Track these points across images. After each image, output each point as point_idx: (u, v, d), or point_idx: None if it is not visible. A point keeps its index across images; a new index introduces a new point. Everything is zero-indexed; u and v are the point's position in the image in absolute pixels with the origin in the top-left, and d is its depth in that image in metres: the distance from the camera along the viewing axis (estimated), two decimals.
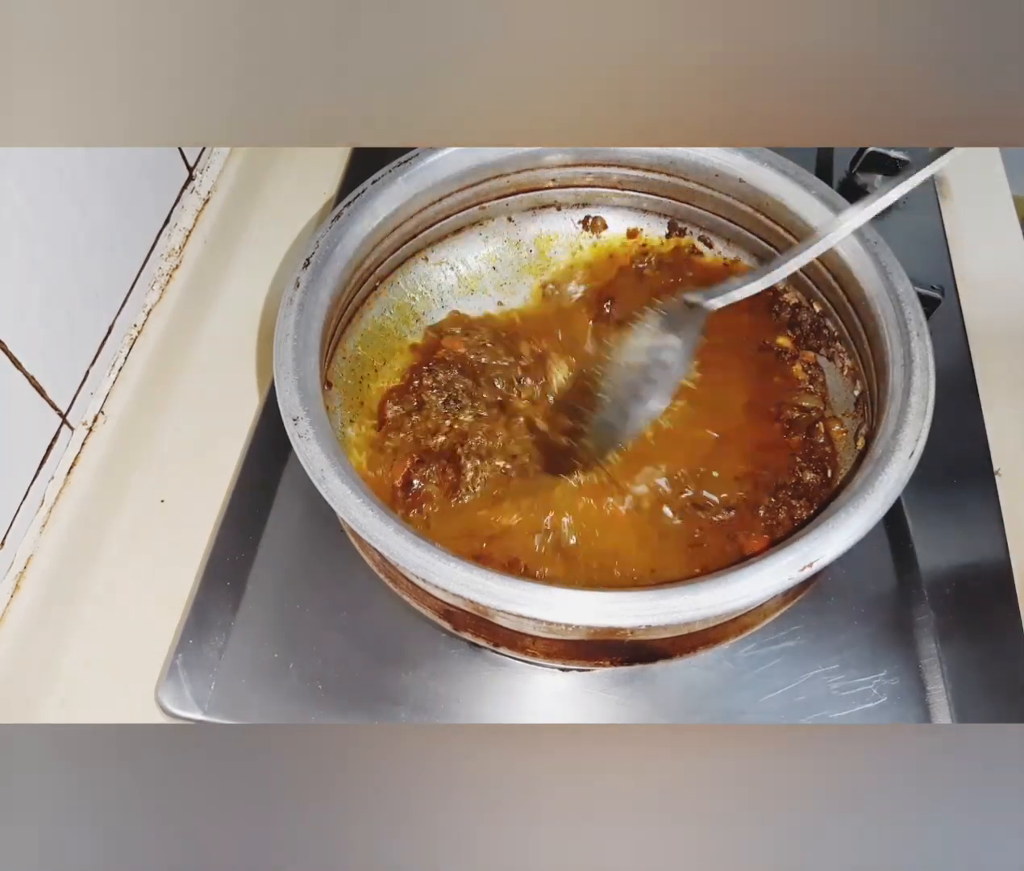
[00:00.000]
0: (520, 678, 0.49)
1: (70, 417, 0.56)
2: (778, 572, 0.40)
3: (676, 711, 0.48)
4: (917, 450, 0.44)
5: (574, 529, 0.51)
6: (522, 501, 0.51)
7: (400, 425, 0.54)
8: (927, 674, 0.48)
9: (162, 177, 0.65)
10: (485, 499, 0.52)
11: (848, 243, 0.53)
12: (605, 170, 0.61)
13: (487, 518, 0.51)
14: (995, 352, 0.63)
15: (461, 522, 0.51)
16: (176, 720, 0.47)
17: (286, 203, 0.74)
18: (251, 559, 0.52)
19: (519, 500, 0.52)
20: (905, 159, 0.69)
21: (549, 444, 0.54)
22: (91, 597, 0.54)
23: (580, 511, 0.51)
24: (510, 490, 0.52)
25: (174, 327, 0.64)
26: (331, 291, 0.51)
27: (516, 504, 0.51)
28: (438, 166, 0.57)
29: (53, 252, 0.52)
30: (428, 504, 0.51)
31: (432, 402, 0.55)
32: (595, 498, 0.52)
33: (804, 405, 0.56)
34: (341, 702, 0.48)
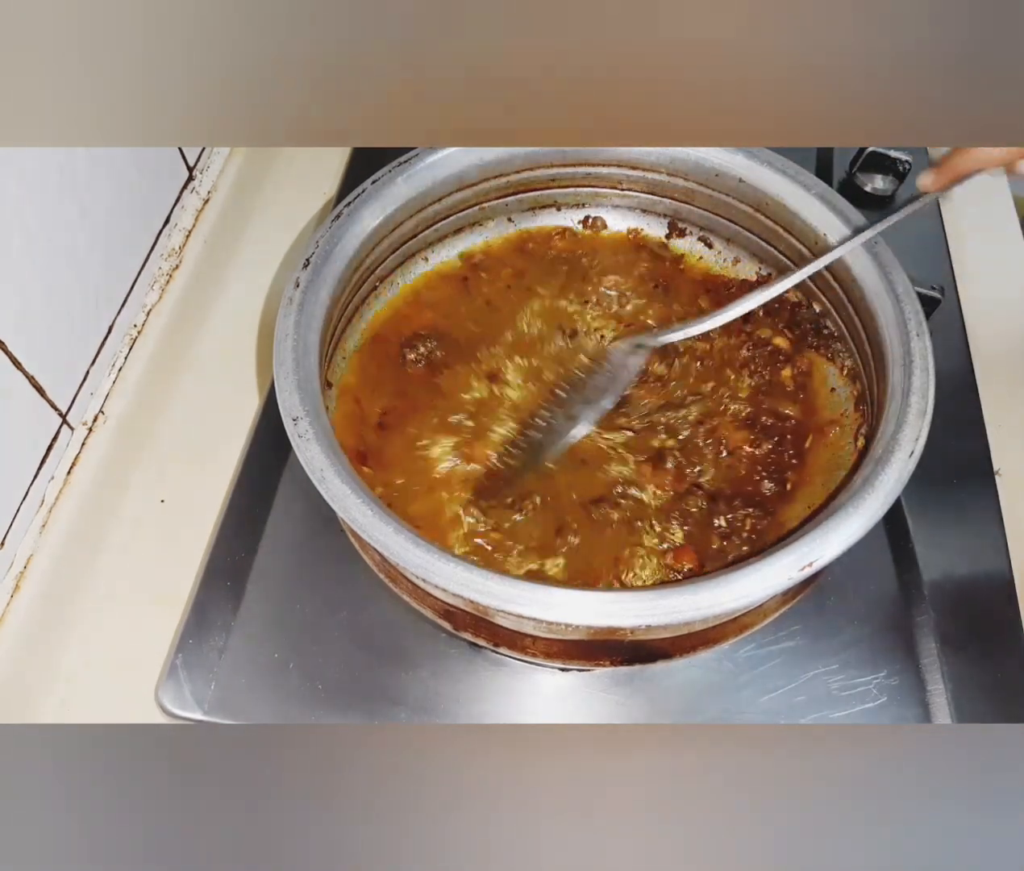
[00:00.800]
0: (520, 678, 0.49)
1: (70, 417, 0.56)
2: (778, 572, 0.40)
3: (676, 711, 0.48)
4: (917, 450, 0.44)
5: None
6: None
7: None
8: (927, 674, 0.48)
9: (162, 177, 0.65)
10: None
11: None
12: (605, 170, 0.61)
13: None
14: (995, 352, 0.63)
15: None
16: (176, 720, 0.47)
17: (286, 203, 0.74)
18: (251, 559, 0.52)
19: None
20: (905, 159, 0.69)
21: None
22: (91, 597, 0.54)
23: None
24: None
25: (174, 327, 0.64)
26: (331, 291, 0.51)
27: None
28: (438, 166, 0.57)
29: (53, 252, 0.52)
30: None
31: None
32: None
33: (782, 412, 0.55)
34: (341, 702, 0.48)
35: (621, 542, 0.50)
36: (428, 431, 0.54)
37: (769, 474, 0.53)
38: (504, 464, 0.53)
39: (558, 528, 0.51)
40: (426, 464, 0.53)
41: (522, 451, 0.53)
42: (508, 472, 0.53)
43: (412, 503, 0.51)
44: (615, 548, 0.50)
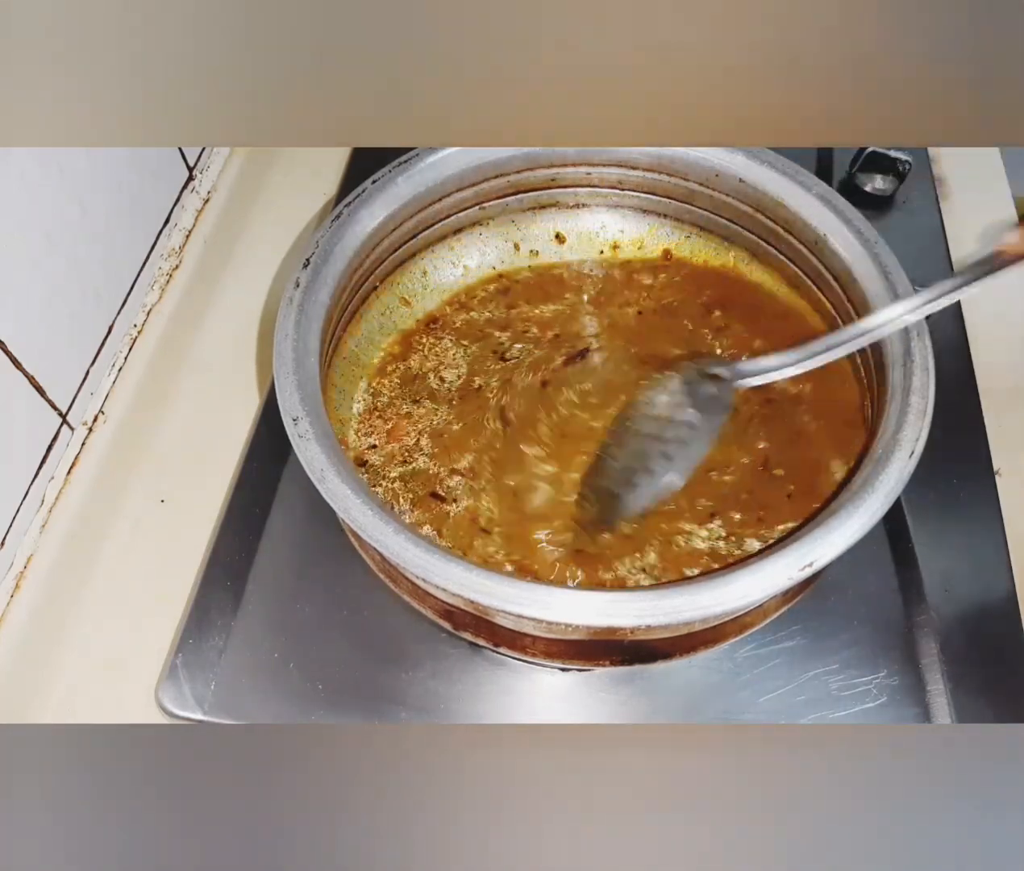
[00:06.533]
0: (520, 678, 0.49)
1: (70, 417, 0.56)
2: (778, 572, 0.40)
3: (676, 711, 0.48)
4: (917, 450, 0.44)
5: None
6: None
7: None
8: (927, 674, 0.48)
9: (162, 177, 0.65)
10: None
11: (848, 243, 0.53)
12: (605, 170, 0.61)
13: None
14: (995, 352, 0.63)
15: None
16: (176, 720, 0.47)
17: (286, 203, 0.74)
18: (251, 559, 0.52)
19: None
20: (905, 159, 0.69)
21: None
22: (91, 597, 0.53)
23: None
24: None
25: (174, 327, 0.64)
26: (331, 291, 0.51)
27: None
28: (438, 166, 0.57)
29: (53, 252, 0.52)
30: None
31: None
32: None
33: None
34: (341, 702, 0.48)
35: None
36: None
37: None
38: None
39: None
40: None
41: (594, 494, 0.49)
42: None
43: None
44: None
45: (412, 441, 0.55)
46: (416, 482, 0.53)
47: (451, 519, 0.51)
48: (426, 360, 0.59)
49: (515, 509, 0.51)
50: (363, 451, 0.55)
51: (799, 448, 0.53)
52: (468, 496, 0.52)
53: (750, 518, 0.51)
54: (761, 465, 0.53)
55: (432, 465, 0.53)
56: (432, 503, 0.52)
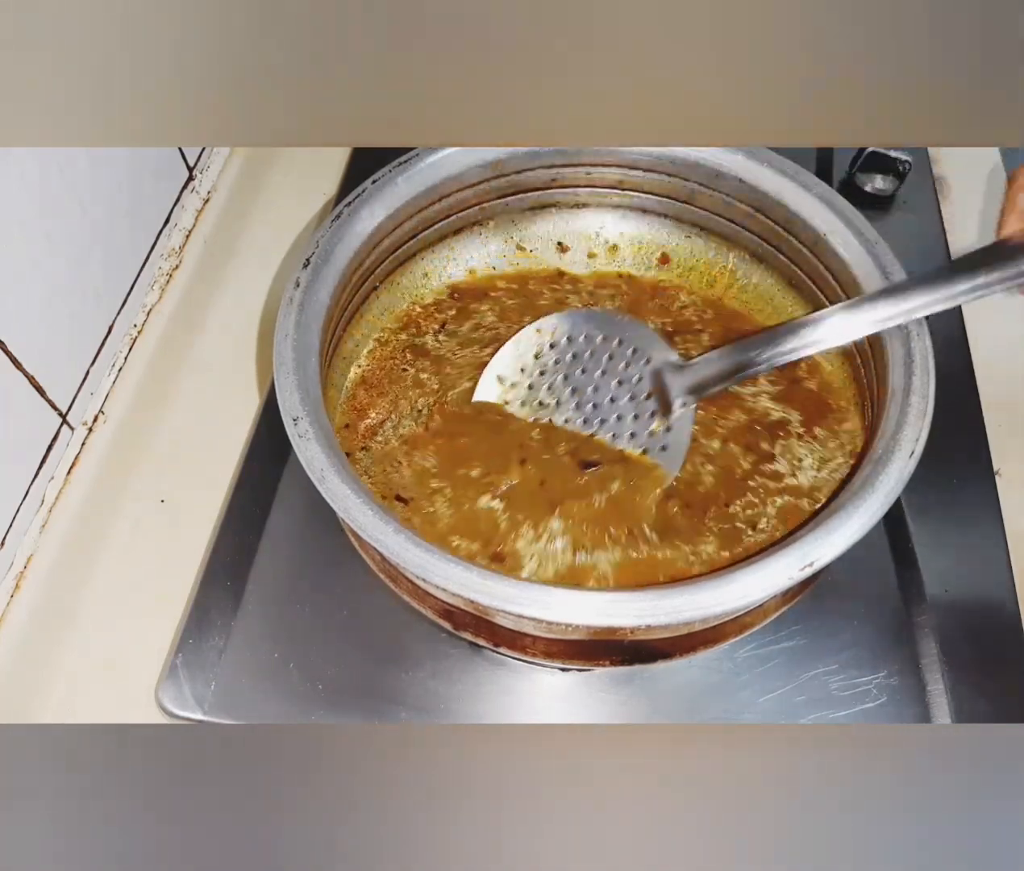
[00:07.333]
0: (520, 678, 0.49)
1: (70, 417, 0.56)
2: (778, 572, 0.40)
3: (676, 711, 0.48)
4: (917, 450, 0.44)
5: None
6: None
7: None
8: (927, 674, 0.48)
9: (162, 177, 0.65)
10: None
11: (848, 242, 0.53)
12: (605, 170, 0.61)
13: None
14: (995, 351, 0.63)
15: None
16: (176, 720, 0.47)
17: (286, 203, 0.74)
18: (251, 559, 0.52)
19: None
20: (905, 159, 0.69)
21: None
22: (91, 596, 0.53)
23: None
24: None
25: (174, 327, 0.64)
26: (331, 291, 0.51)
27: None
28: (438, 166, 0.57)
29: (53, 252, 0.52)
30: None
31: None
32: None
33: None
34: (341, 702, 0.48)
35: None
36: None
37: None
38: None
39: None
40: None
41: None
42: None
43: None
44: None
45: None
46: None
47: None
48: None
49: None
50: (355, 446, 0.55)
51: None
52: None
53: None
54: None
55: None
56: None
